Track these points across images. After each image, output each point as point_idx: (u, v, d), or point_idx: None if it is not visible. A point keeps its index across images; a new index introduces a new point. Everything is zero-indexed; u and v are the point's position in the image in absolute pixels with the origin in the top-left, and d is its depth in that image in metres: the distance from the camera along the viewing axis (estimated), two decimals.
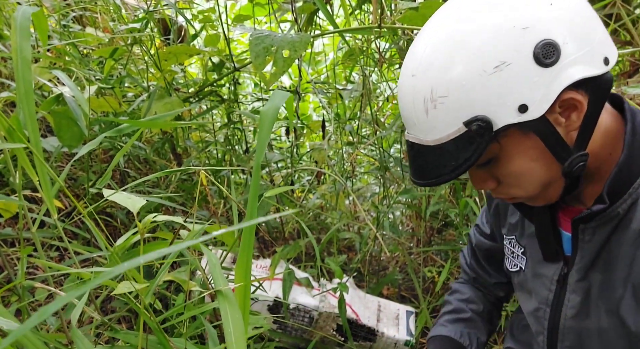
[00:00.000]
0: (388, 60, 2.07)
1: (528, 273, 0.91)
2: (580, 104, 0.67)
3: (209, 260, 0.70)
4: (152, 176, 0.94)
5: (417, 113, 0.70)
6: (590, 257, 0.77)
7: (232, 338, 0.58)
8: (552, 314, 0.85)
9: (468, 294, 1.13)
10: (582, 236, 0.77)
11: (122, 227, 1.63)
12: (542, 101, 0.65)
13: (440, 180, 0.71)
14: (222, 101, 1.91)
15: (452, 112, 0.67)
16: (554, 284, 0.84)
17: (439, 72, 0.67)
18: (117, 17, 2.05)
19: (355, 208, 2.23)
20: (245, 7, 2.22)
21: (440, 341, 1.07)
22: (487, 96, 0.65)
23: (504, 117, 0.66)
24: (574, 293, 0.81)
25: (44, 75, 1.35)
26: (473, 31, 0.65)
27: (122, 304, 1.25)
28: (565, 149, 0.70)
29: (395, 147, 2.36)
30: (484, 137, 0.66)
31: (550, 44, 0.63)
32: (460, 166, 0.69)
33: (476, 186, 0.79)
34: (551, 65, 0.64)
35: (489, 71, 0.64)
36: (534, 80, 0.64)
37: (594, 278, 0.78)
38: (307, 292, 1.50)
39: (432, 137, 0.70)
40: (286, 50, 1.13)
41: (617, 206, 0.72)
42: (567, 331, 0.83)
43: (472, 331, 1.08)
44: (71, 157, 1.70)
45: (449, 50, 0.66)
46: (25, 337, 0.59)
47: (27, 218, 0.81)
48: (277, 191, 0.95)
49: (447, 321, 1.11)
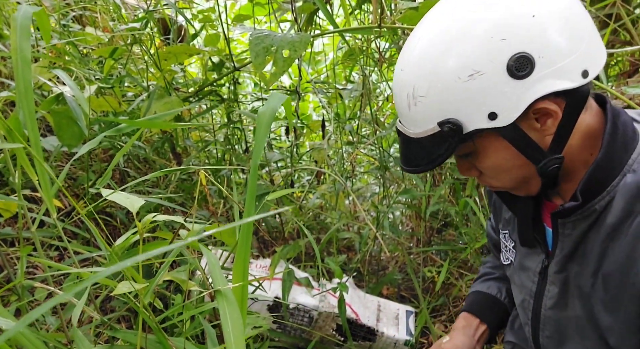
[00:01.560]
0: (388, 60, 2.07)
1: (516, 266, 0.94)
2: (555, 113, 0.69)
3: (208, 260, 0.70)
4: (151, 176, 0.94)
5: (403, 106, 0.74)
6: (569, 249, 0.80)
7: (231, 338, 0.58)
8: (535, 305, 0.88)
9: (496, 263, 1.18)
10: (562, 230, 0.80)
11: (122, 227, 1.63)
12: (511, 110, 0.68)
13: (418, 170, 0.77)
14: (221, 100, 1.91)
15: (429, 112, 0.71)
16: (537, 276, 0.88)
17: (421, 73, 0.70)
18: (117, 16, 2.05)
19: (355, 208, 2.23)
20: (245, 7, 2.22)
21: (471, 296, 1.14)
22: (459, 102, 0.69)
23: (475, 123, 0.69)
24: (552, 284, 0.84)
25: (43, 75, 1.35)
26: (455, 37, 0.68)
27: (121, 303, 1.25)
28: (538, 152, 0.73)
29: (395, 147, 2.36)
30: (454, 138, 0.70)
31: (525, 57, 0.65)
32: (435, 160, 0.74)
33: (461, 173, 0.83)
34: (523, 78, 0.66)
35: (463, 78, 0.67)
36: (505, 91, 0.67)
37: (571, 269, 0.81)
38: (306, 292, 1.50)
39: (413, 130, 0.75)
40: (286, 50, 1.13)
41: (594, 202, 0.74)
42: (546, 320, 0.87)
43: (501, 284, 1.13)
44: (71, 156, 1.70)
45: (434, 53, 0.69)
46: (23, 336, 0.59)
47: (27, 218, 0.81)
48: (279, 194, 0.95)
49: (477, 283, 1.17)
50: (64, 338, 0.80)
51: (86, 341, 0.72)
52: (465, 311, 1.09)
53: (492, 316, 1.08)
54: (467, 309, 1.10)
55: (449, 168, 1.93)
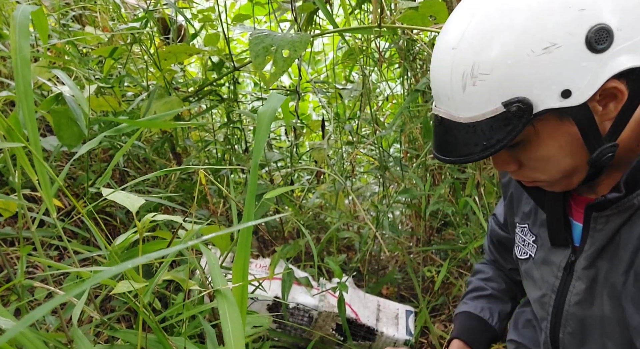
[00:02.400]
0: (388, 59, 2.08)
1: (537, 261, 0.91)
2: (621, 94, 0.65)
3: (208, 260, 0.71)
4: (151, 175, 0.94)
5: (454, 88, 0.67)
6: (600, 245, 0.77)
7: (230, 337, 0.58)
8: (557, 301, 0.86)
9: (489, 274, 1.15)
10: (594, 224, 0.77)
11: (122, 227, 1.63)
12: (587, 88, 0.63)
13: (470, 159, 0.69)
14: (221, 100, 1.91)
15: (492, 91, 0.64)
16: (561, 271, 0.84)
17: (483, 48, 0.64)
18: (117, 16, 2.05)
19: (354, 208, 2.23)
20: (245, 7, 2.22)
21: (462, 317, 1.10)
22: (532, 78, 0.63)
23: (546, 101, 0.63)
24: (579, 280, 0.81)
25: (43, 75, 1.35)
26: (525, 8, 0.63)
27: (121, 303, 1.25)
28: (597, 139, 0.68)
29: (394, 147, 2.36)
30: (521, 119, 0.64)
31: (605, 29, 0.61)
32: (493, 146, 0.66)
33: (497, 167, 0.76)
34: (602, 52, 0.62)
35: (537, 52, 0.62)
36: (582, 66, 0.62)
37: (601, 266, 0.78)
38: (306, 291, 1.50)
39: (465, 114, 0.67)
40: (286, 50, 1.13)
41: (633, 196, 0.70)
42: (570, 317, 0.84)
43: (493, 306, 1.09)
44: (71, 156, 1.70)
45: (497, 25, 0.64)
46: (23, 335, 0.59)
47: (27, 217, 0.81)
48: (277, 192, 0.95)
49: (468, 299, 1.13)
50: (64, 337, 0.80)
51: (86, 341, 0.72)
52: (458, 339, 1.05)
53: (483, 344, 1.06)
54: (459, 336, 1.06)
55: (448, 168, 1.93)
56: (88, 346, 0.72)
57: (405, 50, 1.97)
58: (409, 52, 2.01)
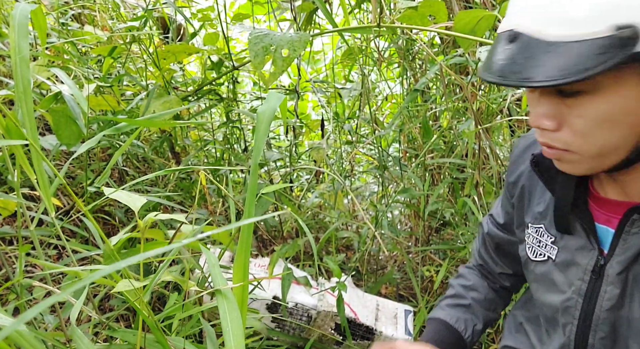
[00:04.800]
0: (387, 59, 2.08)
1: (559, 263, 0.87)
2: None
3: (208, 259, 0.70)
4: (150, 175, 0.94)
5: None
6: (635, 250, 0.73)
7: (230, 337, 0.58)
8: (585, 305, 0.82)
9: (471, 281, 1.11)
10: (628, 228, 0.73)
11: (120, 226, 1.63)
12: None
13: (546, 83, 0.59)
14: (220, 99, 1.91)
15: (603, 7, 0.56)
16: (588, 274, 0.81)
17: None
18: (116, 15, 2.05)
19: (353, 207, 2.23)
20: (244, 6, 2.22)
21: (436, 324, 1.06)
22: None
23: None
24: (611, 285, 0.78)
25: (42, 74, 1.35)
26: None
27: (120, 302, 1.25)
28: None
29: (394, 147, 2.36)
30: (622, 51, 0.56)
31: None
32: (577, 73, 0.57)
33: (534, 119, 0.67)
34: None
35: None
36: None
37: (635, 270, 0.75)
38: (305, 291, 1.50)
39: (558, 31, 0.59)
40: (285, 50, 1.13)
41: None
42: (602, 322, 0.80)
43: (469, 317, 1.06)
44: (69, 155, 1.70)
45: None
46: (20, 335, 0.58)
47: (26, 216, 0.81)
48: (274, 187, 0.95)
49: (446, 305, 1.09)
50: (63, 336, 0.79)
51: (85, 340, 0.72)
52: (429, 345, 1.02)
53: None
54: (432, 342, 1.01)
55: (447, 167, 1.94)
56: (87, 344, 0.72)
57: (404, 50, 1.97)
58: (409, 51, 2.01)
